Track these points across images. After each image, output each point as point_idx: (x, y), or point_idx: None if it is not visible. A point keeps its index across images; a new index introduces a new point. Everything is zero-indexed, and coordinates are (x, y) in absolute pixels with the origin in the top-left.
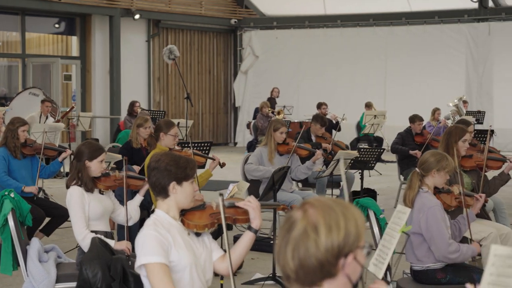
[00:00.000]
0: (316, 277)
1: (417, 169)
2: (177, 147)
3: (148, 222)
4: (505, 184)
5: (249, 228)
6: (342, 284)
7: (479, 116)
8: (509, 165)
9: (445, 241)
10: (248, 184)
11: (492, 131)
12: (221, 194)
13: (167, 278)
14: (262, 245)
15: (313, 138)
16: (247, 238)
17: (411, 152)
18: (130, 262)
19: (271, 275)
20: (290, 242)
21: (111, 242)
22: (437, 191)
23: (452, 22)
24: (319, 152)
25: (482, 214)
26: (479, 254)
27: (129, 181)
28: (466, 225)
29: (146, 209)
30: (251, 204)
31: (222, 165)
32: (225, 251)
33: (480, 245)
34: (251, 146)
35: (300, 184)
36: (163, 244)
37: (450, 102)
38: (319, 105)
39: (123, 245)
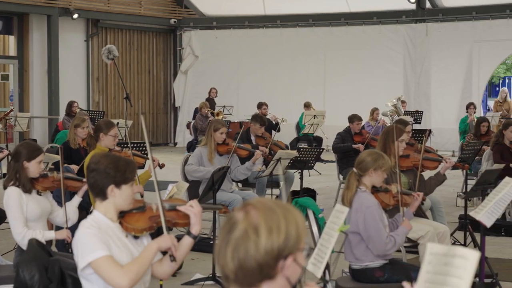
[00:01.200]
0: (255, 278)
1: (354, 169)
2: (116, 148)
3: (85, 223)
4: (442, 184)
5: (188, 233)
6: (281, 285)
7: (417, 115)
8: (445, 166)
9: (382, 240)
10: (187, 185)
11: (430, 131)
12: (142, 115)
13: (115, 264)
14: (202, 245)
15: (253, 138)
16: (186, 243)
17: (354, 146)
18: (70, 250)
19: (211, 275)
20: (231, 243)
21: (51, 233)
22: (375, 190)
23: (390, 22)
24: (258, 152)
25: (420, 213)
26: (417, 253)
27: (67, 182)
28: None
29: (85, 210)
30: (192, 209)
31: (161, 166)
32: (163, 253)
33: (418, 244)
34: (191, 147)
35: (240, 184)
36: (101, 238)
37: (388, 102)
38: (260, 105)
39: (64, 234)
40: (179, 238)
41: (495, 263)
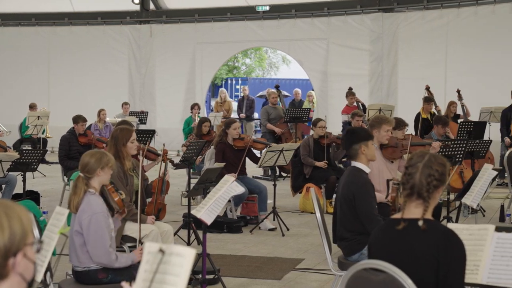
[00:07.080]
0: None
1: (80, 173)
2: None
3: None
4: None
5: None
6: (16, 283)
7: (142, 116)
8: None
9: (105, 248)
10: None
11: (154, 131)
12: None
13: None
14: None
15: None
16: None
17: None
18: None
19: None
20: None
21: None
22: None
23: (115, 23)
24: None
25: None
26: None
27: None
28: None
29: None
30: None
31: None
32: None
33: (142, 243)
34: None
35: None
36: None
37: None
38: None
39: None
40: None
41: (217, 259)
